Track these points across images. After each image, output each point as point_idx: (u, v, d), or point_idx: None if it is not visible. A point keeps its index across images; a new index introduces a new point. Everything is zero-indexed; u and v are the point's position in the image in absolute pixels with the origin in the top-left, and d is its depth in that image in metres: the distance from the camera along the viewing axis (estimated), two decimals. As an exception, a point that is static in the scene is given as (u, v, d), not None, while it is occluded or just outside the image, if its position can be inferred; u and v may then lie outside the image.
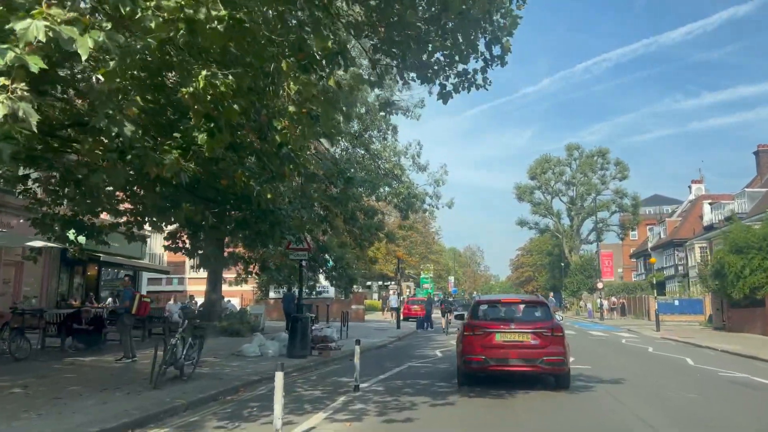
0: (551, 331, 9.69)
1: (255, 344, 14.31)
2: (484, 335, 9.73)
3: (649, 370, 13.61)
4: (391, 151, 22.04)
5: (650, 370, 13.44)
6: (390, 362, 14.09)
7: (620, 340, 23.86)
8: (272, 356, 14.09)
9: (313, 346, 14.85)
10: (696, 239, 53.45)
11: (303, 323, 14.23)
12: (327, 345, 14.86)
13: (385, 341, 20.20)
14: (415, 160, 22.83)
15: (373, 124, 21.74)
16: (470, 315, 10.75)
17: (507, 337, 9.66)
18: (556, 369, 9.62)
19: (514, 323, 9.93)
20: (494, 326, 9.84)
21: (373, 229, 21.26)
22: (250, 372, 11.34)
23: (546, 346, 9.54)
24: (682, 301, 41.94)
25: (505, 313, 10.46)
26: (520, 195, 70.78)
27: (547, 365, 9.47)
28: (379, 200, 21.43)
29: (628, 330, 31.83)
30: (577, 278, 58.19)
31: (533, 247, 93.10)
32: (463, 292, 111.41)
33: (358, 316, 33.59)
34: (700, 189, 64.89)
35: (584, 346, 19.47)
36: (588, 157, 68.59)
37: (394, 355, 16.12)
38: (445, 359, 15.01)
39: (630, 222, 68.08)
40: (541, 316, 10.19)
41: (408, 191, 21.57)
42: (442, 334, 25.98)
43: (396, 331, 25.76)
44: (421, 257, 70.96)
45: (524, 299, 11.65)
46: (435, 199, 23.83)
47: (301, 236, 14.31)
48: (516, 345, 9.62)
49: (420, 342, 21.48)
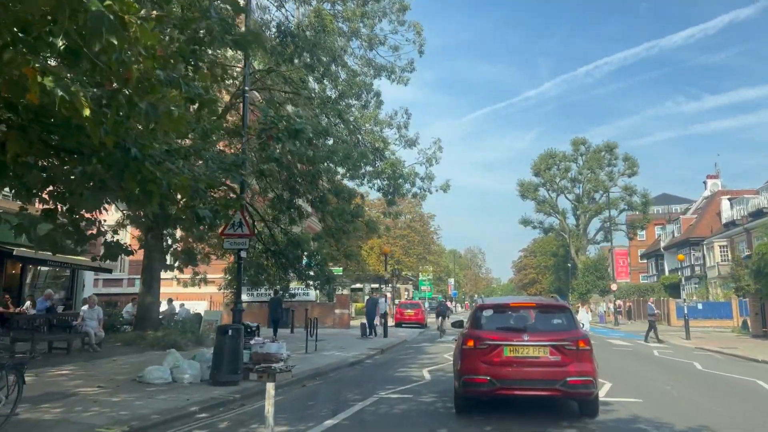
0: (576, 343, 7.46)
1: (166, 366, 10.25)
2: (489, 349, 7.53)
3: (728, 404, 9.46)
4: (372, 121, 17.91)
5: (729, 405, 9.31)
6: (354, 391, 10.01)
7: (651, 352, 19.74)
8: (188, 383, 10.03)
9: (251, 367, 10.76)
10: (715, 237, 49.40)
11: (232, 336, 10.15)
12: (270, 366, 10.76)
13: (362, 355, 16.11)
14: (401, 131, 18.72)
15: (350, 89, 17.70)
16: (471, 323, 8.21)
17: (519, 351, 7.47)
18: (583, 393, 7.47)
19: (528, 334, 7.63)
20: (502, 338, 7.61)
21: (349, 216, 17.17)
22: (130, 416, 7.27)
23: (569, 363, 7.35)
24: (706, 304, 37.70)
25: (516, 321, 8.07)
26: (523, 192, 66.91)
27: (572, 388, 7.31)
28: (354, 179, 17.31)
29: (650, 337, 27.65)
30: (587, 279, 53.89)
31: (537, 248, 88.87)
32: (464, 294, 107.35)
33: (343, 321, 29.48)
34: (716, 185, 60.84)
35: (612, 362, 15.40)
36: (595, 152, 64.60)
37: (365, 378, 12.03)
38: (434, 385, 10.92)
39: (640, 221, 64.02)
40: (562, 324, 7.91)
41: (393, 170, 17.49)
42: (436, 344, 21.90)
43: (382, 341, 21.67)
44: (419, 258, 66.64)
45: (540, 302, 8.95)
46: (427, 182, 19.69)
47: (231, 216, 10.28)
48: (530, 362, 7.43)
49: (406, 356, 17.36)
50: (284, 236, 21.18)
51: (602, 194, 62.77)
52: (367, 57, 18.20)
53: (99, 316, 14.27)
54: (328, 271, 22.08)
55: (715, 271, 48.11)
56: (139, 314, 16.96)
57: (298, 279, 22.24)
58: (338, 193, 16.41)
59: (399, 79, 19.22)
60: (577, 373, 7.27)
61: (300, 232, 23.03)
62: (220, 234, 11.85)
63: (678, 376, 13.09)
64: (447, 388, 10.27)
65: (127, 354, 14.06)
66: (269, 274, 22.80)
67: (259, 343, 10.98)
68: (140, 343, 15.54)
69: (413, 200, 66.33)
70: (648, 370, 14.01)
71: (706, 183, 62.24)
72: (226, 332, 10.16)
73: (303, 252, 20.61)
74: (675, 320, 37.88)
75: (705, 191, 61.85)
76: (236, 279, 25.03)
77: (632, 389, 10.53)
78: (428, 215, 70.48)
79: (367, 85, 18.53)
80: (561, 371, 7.27)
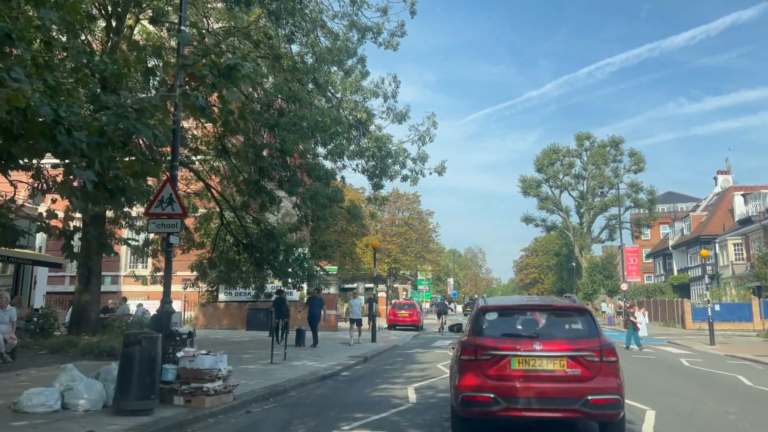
0: (599, 354, 6.12)
1: (57, 387, 7.58)
2: (494, 361, 6.19)
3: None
4: (352, 88, 15.07)
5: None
6: (309, 424, 7.34)
7: (678, 361, 17.06)
8: (83, 411, 7.37)
9: (177, 388, 8.10)
10: (729, 234, 46.69)
11: (145, 347, 7.47)
12: (202, 387, 8.10)
13: (338, 366, 13.40)
14: (386, 99, 15.81)
15: (329, 54, 15.02)
16: (472, 328, 6.78)
17: (529, 364, 6.14)
18: (609, 415, 6.08)
19: (540, 342, 6.28)
20: (509, 347, 6.26)
21: (325, 200, 14.48)
22: None
23: (591, 378, 6.02)
24: (723, 305, 34.97)
25: (525, 326, 6.72)
26: (525, 189, 64.27)
27: (594, 409, 5.92)
28: (333, 156, 14.51)
29: (668, 342, 25.02)
30: (594, 278, 51.13)
31: (539, 247, 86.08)
32: (465, 295, 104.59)
33: (329, 324, 26.81)
34: (727, 180, 58.14)
35: (640, 375, 12.76)
36: (600, 148, 61.88)
37: (332, 399, 9.33)
38: (420, 412, 8.24)
39: (645, 219, 61.32)
40: (581, 329, 6.53)
41: (378, 146, 14.74)
42: (430, 350, 19.23)
43: (368, 346, 19.00)
44: (417, 256, 63.82)
45: (554, 304, 7.21)
46: (420, 163, 16.91)
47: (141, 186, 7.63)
48: (544, 377, 6.09)
49: (392, 366, 14.65)
50: (258, 227, 18.56)
51: (608, 190, 60.23)
52: (349, 16, 15.49)
53: (12, 318, 11.59)
54: (309, 267, 19.44)
55: (729, 270, 45.47)
56: (73, 316, 14.25)
57: (275, 276, 19.60)
58: (311, 170, 13.69)
59: (387, 43, 16.54)
60: (601, 391, 5.98)
61: (276, 223, 20.39)
62: (145, 213, 9.19)
63: (729, 395, 10.42)
64: (438, 416, 7.66)
65: (45, 365, 11.39)
66: (242, 271, 20.16)
67: (188, 355, 8.29)
68: (70, 351, 12.89)
69: (411, 197, 64.17)
70: (689, 388, 11.34)
71: (716, 179, 59.53)
72: (136, 342, 7.48)
73: (279, 245, 17.98)
74: (690, 323, 35.23)
75: (716, 187, 59.17)
76: (204, 278, 22.46)
77: (686, 421, 7.88)
78: (427, 212, 67.78)
79: (350, 50, 15.84)
80: (581, 388, 6.00)
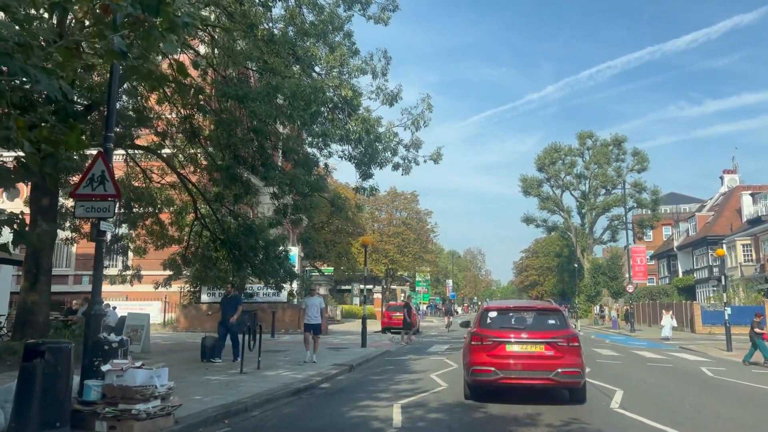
0: (567, 341, 8.85)
1: (-63, 411, 5.91)
2: (494, 345, 8.93)
3: None
4: (337, 62, 13.32)
5: None
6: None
7: (698, 369, 15.41)
8: (-34, 443, 5.71)
9: (99, 411, 6.44)
10: (737, 235, 45.05)
11: (49, 360, 5.82)
12: (130, 409, 6.46)
13: (318, 376, 11.71)
14: (376, 77, 14.01)
15: (312, 27, 13.41)
16: (478, 323, 9.65)
17: (519, 347, 8.92)
18: (572, 382, 8.82)
19: (527, 332, 9.07)
20: (505, 335, 9.01)
21: (305, 188, 12.81)
22: None
23: (561, 357, 8.71)
24: (734, 308, 33.21)
25: (517, 321, 9.42)
26: (526, 188, 62.66)
27: (563, 378, 8.65)
28: (313, 136, 12.80)
29: (680, 347, 23.37)
30: (598, 279, 49.41)
31: (539, 248, 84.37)
32: (464, 297, 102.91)
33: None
34: (734, 180, 56.56)
35: (668, 391, 11.11)
36: (602, 146, 60.26)
37: (300, 423, 7.66)
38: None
39: (648, 220, 59.72)
40: (555, 324, 9.26)
41: (365, 128, 13.02)
42: (424, 356, 17.54)
43: (356, 352, 17.34)
44: (415, 257, 62.07)
45: (537, 306, 10.36)
46: (413, 150, 15.25)
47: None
48: (529, 356, 8.84)
49: (380, 377, 12.95)
50: (236, 221, 16.91)
51: (611, 190, 58.67)
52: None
53: None
54: (289, 266, 17.78)
55: (738, 271, 43.84)
56: (18, 318, 12.55)
57: (254, 274, 17.94)
58: (287, 153, 12.02)
59: (378, 18, 14.90)
60: (567, 365, 8.59)
61: (257, 218, 18.76)
62: (71, 195, 7.54)
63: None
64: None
65: None
66: (220, 269, 18.50)
67: (116, 369, 6.63)
68: (8, 359, 11.22)
69: (409, 196, 62.49)
70: (726, 408, 9.67)
71: (722, 178, 57.94)
72: (37, 353, 5.83)
73: (258, 241, 16.34)
74: (700, 327, 33.59)
75: (722, 187, 57.57)
76: (177, 276, 20.58)
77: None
78: (425, 212, 66.09)
79: (335, 24, 14.20)
80: (554, 363, 8.61)
